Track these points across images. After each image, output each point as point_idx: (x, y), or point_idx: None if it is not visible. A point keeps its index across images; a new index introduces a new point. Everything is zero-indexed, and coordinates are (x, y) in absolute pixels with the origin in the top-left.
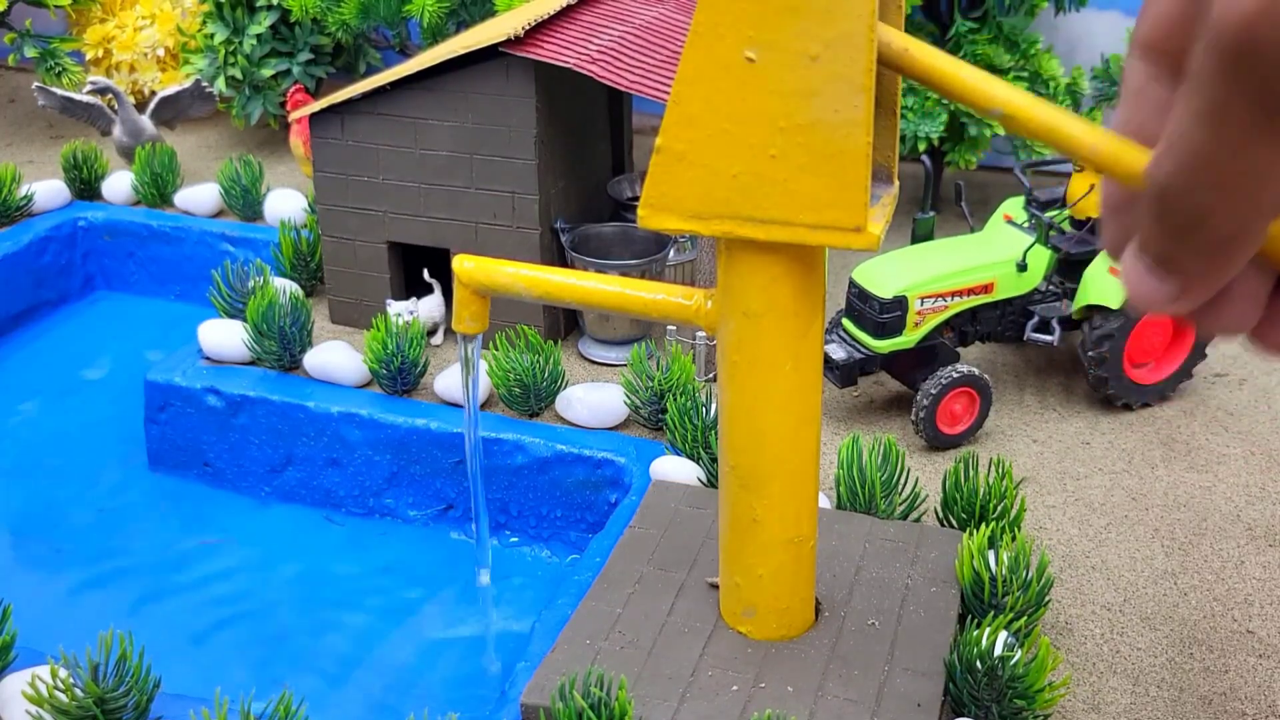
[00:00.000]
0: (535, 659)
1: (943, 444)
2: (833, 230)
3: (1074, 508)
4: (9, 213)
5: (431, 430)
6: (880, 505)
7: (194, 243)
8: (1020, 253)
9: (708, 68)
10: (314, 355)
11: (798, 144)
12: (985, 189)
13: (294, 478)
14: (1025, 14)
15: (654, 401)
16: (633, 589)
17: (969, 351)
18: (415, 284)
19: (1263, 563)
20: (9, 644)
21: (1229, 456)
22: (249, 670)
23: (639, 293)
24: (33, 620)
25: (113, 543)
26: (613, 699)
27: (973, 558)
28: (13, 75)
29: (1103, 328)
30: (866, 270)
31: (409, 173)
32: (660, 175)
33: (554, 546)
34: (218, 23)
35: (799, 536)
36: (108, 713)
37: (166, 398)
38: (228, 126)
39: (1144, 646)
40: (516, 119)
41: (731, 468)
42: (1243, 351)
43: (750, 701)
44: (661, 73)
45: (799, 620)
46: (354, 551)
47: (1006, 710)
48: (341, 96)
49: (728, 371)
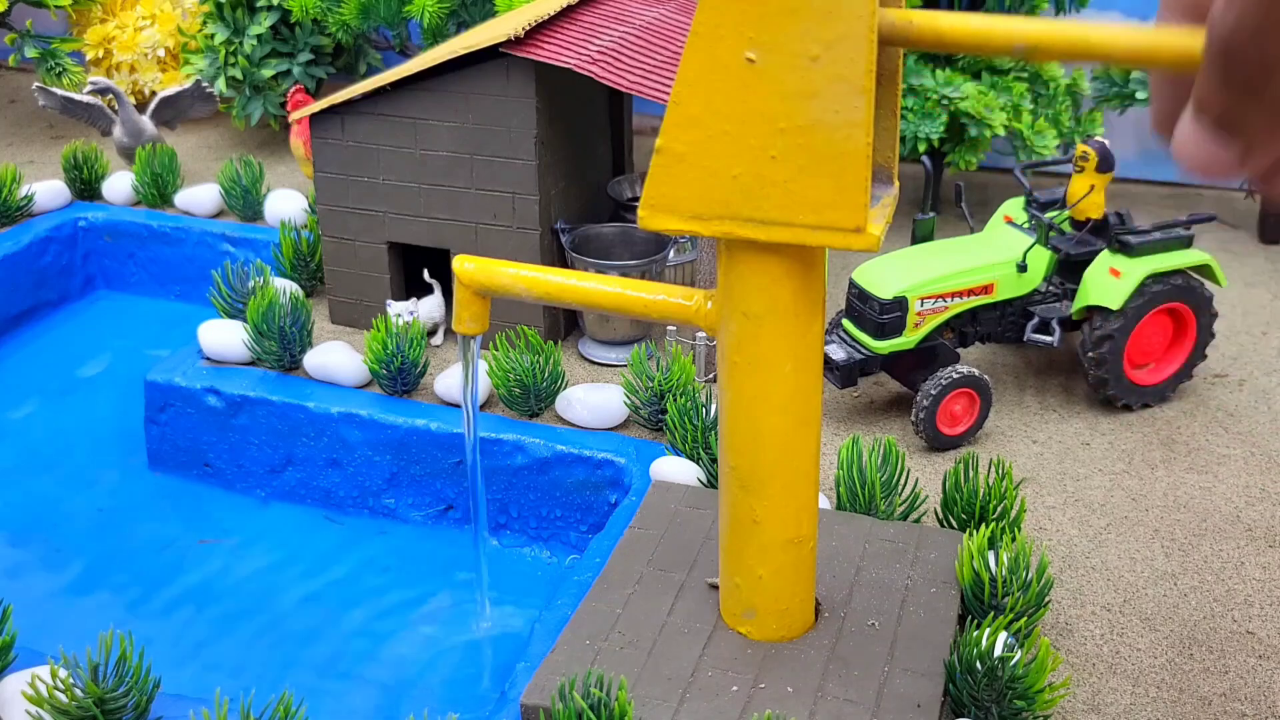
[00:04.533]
0: (535, 659)
1: (943, 445)
2: (833, 231)
3: (1074, 508)
4: (10, 213)
5: (431, 431)
6: (880, 506)
7: (194, 243)
8: (1020, 254)
9: (708, 69)
10: (314, 356)
11: (798, 145)
12: (985, 190)
13: (294, 478)
14: (1025, 14)
15: (654, 402)
16: (633, 589)
17: (969, 352)
18: (415, 284)
19: (1262, 564)
20: (9, 644)
21: (1229, 457)
22: (249, 670)
23: (639, 293)
24: (33, 620)
25: (113, 543)
26: (613, 699)
27: (973, 558)
28: (13, 76)
29: (1103, 329)
30: (867, 271)
31: (409, 173)
32: (660, 176)
33: (554, 547)
34: (218, 23)
35: (799, 537)
36: (108, 713)
37: (167, 398)
38: (228, 127)
39: (1144, 647)
40: (517, 120)
41: (731, 468)
42: (1243, 352)
43: (750, 702)
44: (662, 73)
45: (799, 621)
46: (354, 551)
47: (1006, 711)
48: (342, 97)
49: (728, 372)
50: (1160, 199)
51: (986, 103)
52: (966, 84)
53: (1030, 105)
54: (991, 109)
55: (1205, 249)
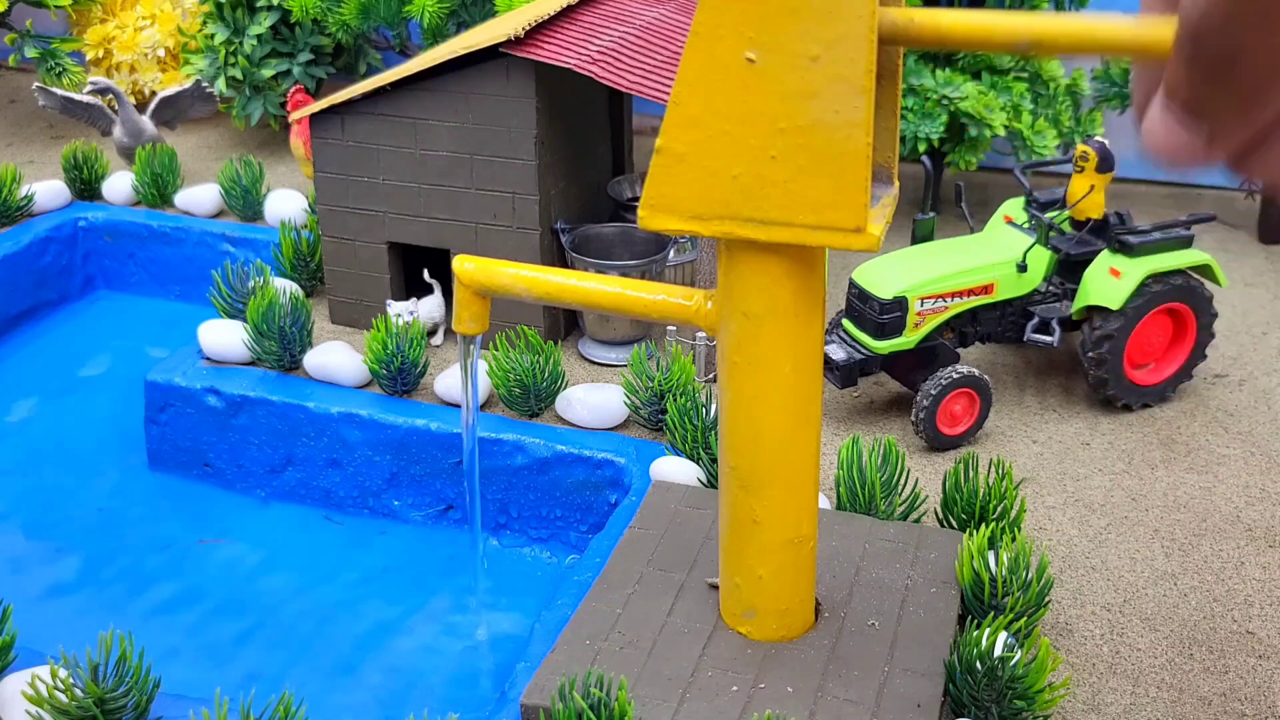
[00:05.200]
0: (535, 659)
1: (943, 445)
2: (833, 231)
3: (1074, 508)
4: (10, 213)
5: (431, 431)
6: (880, 506)
7: (194, 243)
8: (1020, 254)
9: (708, 69)
10: (314, 356)
11: (798, 145)
12: (985, 190)
13: (294, 478)
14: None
15: (654, 402)
16: (633, 589)
17: (969, 352)
18: (415, 284)
19: (1262, 564)
20: (9, 644)
21: (1229, 457)
22: (249, 670)
23: (639, 293)
24: (33, 620)
25: (113, 543)
26: (613, 699)
27: (973, 558)
28: (13, 75)
29: (1103, 329)
30: (867, 271)
31: (409, 173)
32: (660, 176)
33: (554, 547)
34: (218, 23)
35: (799, 537)
36: (108, 713)
37: (167, 398)
38: (228, 127)
39: (1144, 647)
40: (517, 120)
41: (731, 469)
42: (1243, 352)
43: (750, 702)
44: (662, 73)
45: (799, 621)
46: (354, 551)
47: (1006, 711)
48: (342, 97)
49: (728, 372)
50: (1160, 199)
51: (986, 103)
52: (966, 84)
53: (1030, 105)
54: (991, 109)
55: (1205, 249)
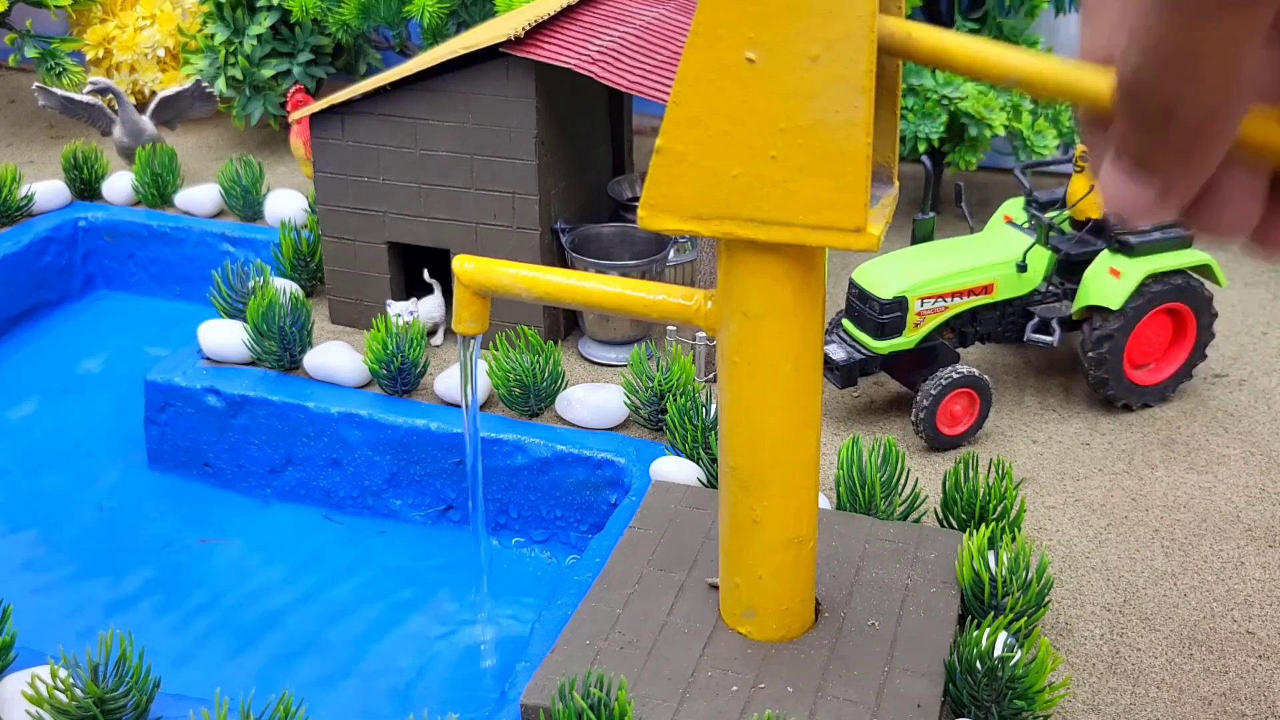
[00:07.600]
0: (535, 659)
1: (943, 445)
2: (833, 231)
3: (1074, 508)
4: (10, 213)
5: (431, 431)
6: (880, 506)
7: (194, 243)
8: (1020, 254)
9: (708, 69)
10: (314, 356)
11: (798, 145)
12: (985, 190)
13: (294, 478)
14: (1026, 15)
15: (654, 402)
16: (633, 589)
17: (969, 352)
18: (415, 284)
19: (1262, 564)
20: (9, 644)
21: (1229, 457)
22: (249, 670)
23: (639, 293)
24: (33, 620)
25: (113, 542)
26: (613, 699)
27: (973, 559)
28: (13, 75)
29: (1103, 328)
30: (867, 271)
31: (409, 173)
32: (660, 176)
33: (554, 547)
34: (218, 23)
35: (799, 537)
36: (108, 713)
37: (166, 398)
38: (228, 127)
39: (1144, 647)
40: (516, 120)
41: (731, 469)
42: (1242, 352)
43: (750, 702)
44: (662, 73)
45: (799, 621)
46: (354, 551)
47: (1006, 711)
48: (342, 97)
49: (728, 372)
50: None
51: (986, 103)
52: (966, 84)
53: (1030, 105)
54: (991, 109)
55: (1205, 249)
